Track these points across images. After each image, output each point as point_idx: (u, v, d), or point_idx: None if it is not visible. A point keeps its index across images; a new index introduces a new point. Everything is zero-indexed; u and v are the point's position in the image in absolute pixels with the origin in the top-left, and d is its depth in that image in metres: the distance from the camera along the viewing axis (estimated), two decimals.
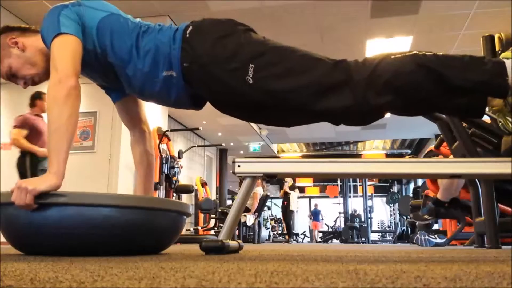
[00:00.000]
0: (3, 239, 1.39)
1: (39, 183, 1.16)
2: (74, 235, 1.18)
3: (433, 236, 3.52)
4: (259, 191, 7.24)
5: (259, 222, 7.30)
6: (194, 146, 9.05)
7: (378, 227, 14.77)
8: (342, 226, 11.60)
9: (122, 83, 1.45)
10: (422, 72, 1.19)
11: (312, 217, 14.33)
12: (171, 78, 1.33)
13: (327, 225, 14.50)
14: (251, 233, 7.12)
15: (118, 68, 1.37)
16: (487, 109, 1.23)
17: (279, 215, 12.00)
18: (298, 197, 10.24)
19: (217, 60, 1.27)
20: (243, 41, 1.28)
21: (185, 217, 1.45)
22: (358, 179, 13.64)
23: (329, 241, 11.51)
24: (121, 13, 1.42)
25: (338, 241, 11.11)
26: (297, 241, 11.96)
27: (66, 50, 1.27)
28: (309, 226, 14.43)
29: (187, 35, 1.31)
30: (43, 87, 1.50)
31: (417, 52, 1.23)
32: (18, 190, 1.15)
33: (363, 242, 9.89)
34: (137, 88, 1.41)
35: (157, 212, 1.31)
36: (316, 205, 14.71)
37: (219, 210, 7.10)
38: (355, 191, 14.30)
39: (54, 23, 1.29)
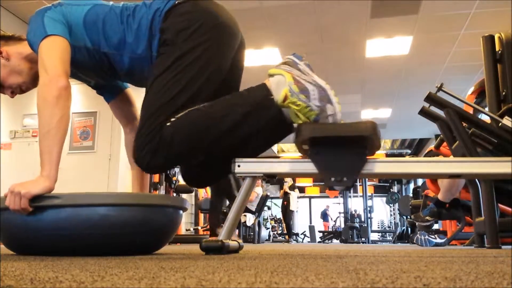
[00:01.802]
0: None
1: (32, 187, 1.15)
2: (71, 236, 1.18)
3: (433, 236, 3.52)
4: (258, 191, 7.24)
5: (259, 222, 7.29)
6: None
7: (378, 227, 14.76)
8: (342, 226, 11.58)
9: (118, 75, 1.45)
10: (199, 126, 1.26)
11: (323, 218, 15.21)
12: None
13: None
14: (251, 233, 7.12)
15: (114, 56, 1.37)
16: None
17: (279, 215, 12.00)
18: (298, 197, 10.24)
19: (171, 47, 1.31)
20: (199, 48, 1.31)
21: (181, 211, 1.45)
22: (358, 179, 13.64)
23: (329, 241, 11.50)
24: (103, 2, 1.42)
25: (338, 241, 11.10)
26: (297, 241, 11.95)
27: (54, 51, 1.27)
28: (310, 227, 14.47)
29: (174, 10, 1.34)
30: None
31: (188, 110, 1.28)
32: (11, 194, 1.14)
33: (363, 242, 9.88)
34: (138, 73, 1.41)
35: (153, 208, 1.31)
36: (327, 206, 15.49)
37: None
38: (355, 191, 14.29)
39: (39, 26, 1.29)
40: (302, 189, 13.11)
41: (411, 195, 8.09)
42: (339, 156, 1.28)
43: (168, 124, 1.24)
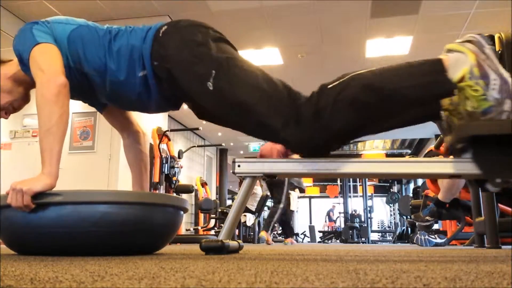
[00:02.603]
0: None
1: (33, 184, 1.15)
2: (72, 234, 1.18)
3: (433, 236, 3.52)
4: (257, 190, 7.24)
5: (259, 222, 7.30)
6: (194, 146, 9.05)
7: (378, 227, 14.77)
8: (342, 226, 11.59)
9: (98, 98, 1.45)
10: (366, 92, 1.19)
11: (328, 218, 15.43)
12: (146, 79, 1.34)
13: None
14: (251, 233, 7.12)
15: (94, 77, 1.36)
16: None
17: None
18: (298, 197, 10.24)
19: (183, 62, 1.29)
20: (211, 48, 1.29)
21: (182, 212, 1.45)
22: (358, 179, 13.64)
23: (329, 241, 11.50)
24: (90, 23, 1.42)
25: (338, 241, 11.10)
26: (297, 241, 11.95)
27: (48, 54, 1.28)
28: (310, 227, 14.48)
29: (160, 35, 1.32)
30: None
31: (352, 74, 1.23)
32: (13, 192, 1.14)
33: (363, 242, 9.88)
34: (115, 97, 1.40)
35: (154, 207, 1.31)
36: (334, 206, 15.56)
37: (219, 210, 7.10)
38: (355, 191, 14.29)
39: (29, 37, 1.30)
40: (302, 189, 13.14)
41: (411, 195, 8.09)
42: (506, 156, 1.16)
43: (331, 88, 1.19)
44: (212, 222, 7.35)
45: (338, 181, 14.83)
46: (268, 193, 6.71)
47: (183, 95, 1.37)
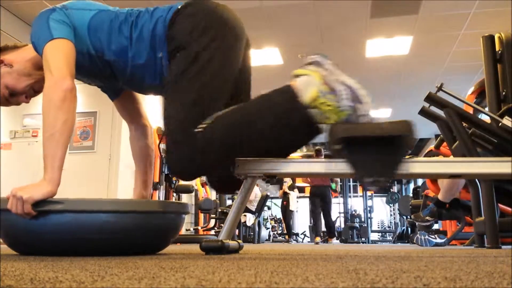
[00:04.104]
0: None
1: (34, 191, 1.14)
2: (73, 241, 1.18)
3: (433, 236, 3.51)
4: (255, 190, 7.24)
5: (259, 222, 7.29)
6: None
7: (378, 227, 14.75)
8: (342, 226, 11.59)
9: (118, 82, 1.44)
10: (230, 133, 1.25)
11: None
12: (164, 60, 1.35)
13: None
14: (251, 233, 7.12)
15: (116, 64, 1.36)
16: None
17: (279, 215, 12.00)
18: (298, 197, 10.24)
19: (180, 46, 1.30)
20: (208, 50, 1.30)
21: (183, 216, 1.45)
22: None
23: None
24: (110, 7, 1.41)
25: (338, 241, 11.10)
26: (297, 241, 11.95)
27: (60, 53, 1.26)
28: (310, 227, 14.46)
29: (178, 14, 1.33)
30: None
31: (217, 114, 1.27)
32: (13, 198, 1.14)
33: (363, 242, 9.88)
34: (137, 81, 1.40)
35: (155, 215, 1.31)
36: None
37: (219, 210, 7.09)
38: (355, 191, 14.29)
39: (44, 29, 1.29)
40: (301, 189, 13.13)
41: (411, 195, 8.08)
42: (375, 156, 1.24)
43: (199, 130, 1.23)
44: (212, 222, 7.34)
45: (338, 181, 14.82)
46: (268, 193, 6.73)
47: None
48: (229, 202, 11.35)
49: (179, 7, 1.35)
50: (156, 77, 1.38)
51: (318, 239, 7.24)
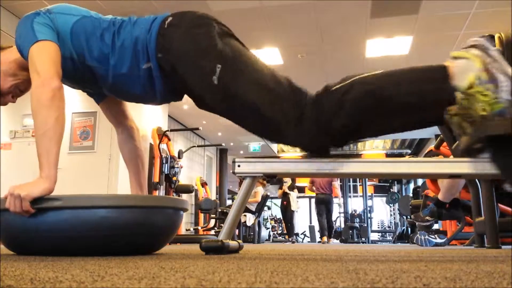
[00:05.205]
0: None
1: (31, 189, 1.14)
2: (71, 238, 1.18)
3: (433, 236, 3.52)
4: (260, 190, 7.25)
5: (259, 222, 7.30)
6: (194, 146, 9.05)
7: (378, 227, 14.75)
8: (342, 226, 11.59)
9: (102, 88, 1.44)
10: (367, 98, 1.20)
11: None
12: (150, 71, 1.33)
13: None
14: (251, 233, 7.12)
15: (98, 70, 1.35)
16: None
17: (279, 215, 12.01)
18: (297, 197, 10.24)
19: (188, 55, 1.28)
20: (217, 42, 1.28)
21: (182, 212, 1.45)
22: (358, 179, 13.64)
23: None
24: (92, 13, 1.41)
25: (338, 241, 11.10)
26: (297, 241, 11.95)
27: (45, 54, 1.26)
28: (310, 227, 14.47)
29: (165, 26, 1.31)
30: None
31: (355, 77, 1.23)
32: (11, 197, 1.14)
33: (363, 242, 9.88)
34: (118, 89, 1.40)
35: (154, 210, 1.31)
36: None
37: (219, 210, 7.10)
38: (355, 191, 14.29)
39: (29, 32, 1.28)
40: (301, 189, 13.13)
41: (411, 195, 8.09)
42: None
43: (335, 89, 1.21)
44: (212, 222, 7.35)
45: (338, 181, 14.83)
46: (268, 193, 6.73)
47: (185, 88, 1.36)
48: (229, 202, 11.34)
49: (165, 18, 1.34)
50: (145, 88, 1.36)
51: (325, 239, 8.00)
